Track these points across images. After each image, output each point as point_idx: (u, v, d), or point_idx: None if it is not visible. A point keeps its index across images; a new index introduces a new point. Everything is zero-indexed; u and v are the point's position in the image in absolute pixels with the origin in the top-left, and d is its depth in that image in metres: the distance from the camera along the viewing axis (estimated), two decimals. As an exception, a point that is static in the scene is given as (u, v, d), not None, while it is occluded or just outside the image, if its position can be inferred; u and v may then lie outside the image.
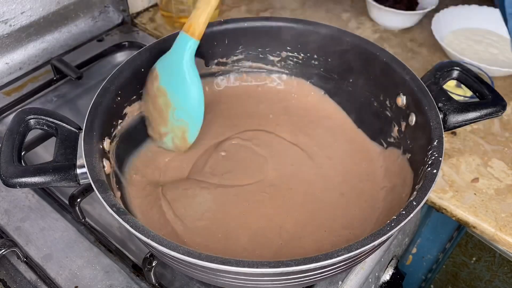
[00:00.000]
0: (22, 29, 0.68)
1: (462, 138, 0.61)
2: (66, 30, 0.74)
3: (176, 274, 0.48)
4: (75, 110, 0.66)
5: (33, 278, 0.47)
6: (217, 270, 0.34)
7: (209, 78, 0.58)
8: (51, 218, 0.52)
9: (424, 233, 0.69)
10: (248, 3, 0.84)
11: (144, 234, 0.35)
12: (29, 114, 0.42)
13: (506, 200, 0.55)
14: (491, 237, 0.53)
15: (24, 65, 0.70)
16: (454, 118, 0.45)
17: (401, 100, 0.49)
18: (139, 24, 0.80)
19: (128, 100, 0.50)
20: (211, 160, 0.52)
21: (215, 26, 0.54)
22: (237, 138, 0.55)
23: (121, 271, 0.48)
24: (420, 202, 0.37)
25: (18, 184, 0.38)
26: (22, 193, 0.54)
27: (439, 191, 0.55)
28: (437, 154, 0.40)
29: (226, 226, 0.46)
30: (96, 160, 0.40)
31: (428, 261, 0.73)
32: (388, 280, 0.58)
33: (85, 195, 0.50)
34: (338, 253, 0.34)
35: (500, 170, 0.58)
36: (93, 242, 0.50)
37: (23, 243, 0.50)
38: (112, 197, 0.37)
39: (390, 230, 0.35)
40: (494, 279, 0.66)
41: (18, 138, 0.41)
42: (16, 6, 0.65)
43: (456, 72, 0.49)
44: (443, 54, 0.74)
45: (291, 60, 0.58)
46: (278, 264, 0.33)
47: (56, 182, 0.39)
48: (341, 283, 0.48)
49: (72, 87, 0.68)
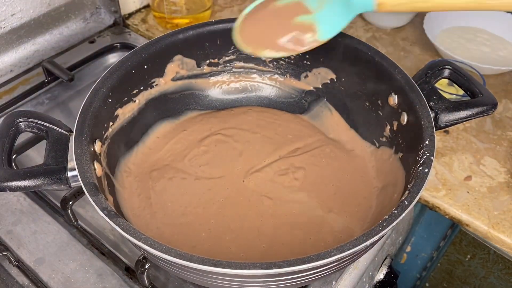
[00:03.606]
0: (13, 31, 0.68)
1: (455, 137, 0.61)
2: (57, 32, 0.74)
3: (169, 277, 0.48)
4: (67, 112, 0.66)
5: (25, 282, 0.47)
6: (209, 272, 0.34)
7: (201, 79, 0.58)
8: (43, 222, 0.52)
9: (418, 231, 0.69)
10: (241, 3, 0.84)
11: (135, 237, 0.34)
12: (19, 117, 0.42)
13: (498, 197, 0.55)
14: (484, 234, 0.53)
15: (15, 68, 0.70)
16: (445, 117, 0.45)
17: (393, 99, 0.49)
18: (131, 25, 0.79)
19: (120, 102, 0.50)
20: (192, 153, 0.53)
21: (206, 27, 0.54)
22: (219, 134, 0.55)
23: (114, 274, 0.48)
24: (412, 202, 0.37)
25: (8, 188, 0.38)
26: (14, 196, 0.54)
27: (432, 189, 0.56)
28: (428, 153, 0.40)
29: (208, 224, 0.47)
30: (87, 163, 0.40)
31: (422, 260, 0.73)
32: (382, 279, 0.58)
33: (77, 198, 0.49)
34: (330, 253, 0.34)
35: (492, 168, 0.58)
36: (86, 245, 0.50)
37: (14, 247, 0.50)
38: (103, 200, 0.37)
39: (382, 230, 0.35)
40: (489, 276, 0.66)
41: (8, 141, 0.41)
42: (6, 8, 0.65)
43: (447, 71, 0.49)
44: (435, 53, 0.74)
45: (283, 60, 0.58)
46: (270, 265, 0.33)
47: (47, 186, 0.39)
48: (335, 283, 0.48)
49: (64, 89, 0.68)
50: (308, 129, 0.57)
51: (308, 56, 0.56)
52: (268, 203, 0.49)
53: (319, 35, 0.45)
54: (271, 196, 0.49)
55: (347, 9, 0.43)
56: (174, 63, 0.54)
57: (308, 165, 0.52)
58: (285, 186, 0.50)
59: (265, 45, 0.46)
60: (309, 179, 0.51)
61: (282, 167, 0.52)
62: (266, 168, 0.52)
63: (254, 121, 0.57)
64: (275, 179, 0.51)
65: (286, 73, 0.59)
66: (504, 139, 0.61)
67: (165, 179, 0.51)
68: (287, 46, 0.46)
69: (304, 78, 0.58)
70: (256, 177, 0.51)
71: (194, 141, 0.55)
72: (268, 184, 0.50)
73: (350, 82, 0.54)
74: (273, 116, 0.58)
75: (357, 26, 0.80)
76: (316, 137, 0.56)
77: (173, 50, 0.53)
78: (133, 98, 0.52)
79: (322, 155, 0.53)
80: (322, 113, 0.58)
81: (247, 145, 0.54)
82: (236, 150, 0.54)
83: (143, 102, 0.53)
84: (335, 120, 0.57)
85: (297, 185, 0.50)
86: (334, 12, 0.44)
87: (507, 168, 0.58)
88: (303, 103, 0.59)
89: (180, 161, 0.53)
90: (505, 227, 0.52)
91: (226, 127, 0.56)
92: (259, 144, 0.55)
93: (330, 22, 0.44)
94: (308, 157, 0.53)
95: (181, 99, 0.57)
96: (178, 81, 0.56)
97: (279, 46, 0.46)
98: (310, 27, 0.45)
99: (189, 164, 0.52)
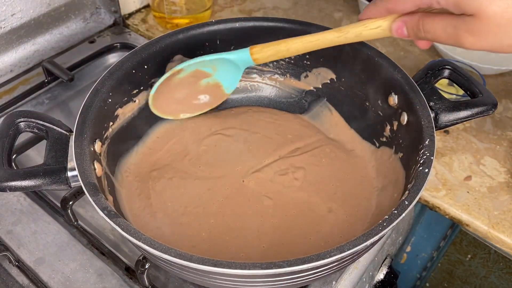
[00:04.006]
0: (13, 31, 0.68)
1: (455, 137, 0.61)
2: (57, 32, 0.74)
3: (169, 277, 0.48)
4: (67, 112, 0.66)
5: (25, 282, 0.47)
6: (209, 272, 0.34)
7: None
8: (43, 222, 0.52)
9: (418, 231, 0.69)
10: (241, 3, 0.84)
11: (135, 237, 0.34)
12: (19, 117, 0.42)
13: (498, 197, 0.55)
14: (484, 234, 0.53)
15: (15, 68, 0.70)
16: (445, 117, 0.45)
17: (393, 99, 0.49)
18: (131, 25, 0.79)
19: (120, 102, 0.50)
20: (192, 153, 0.53)
21: (206, 27, 0.54)
22: (219, 134, 0.55)
23: (114, 274, 0.48)
24: (412, 202, 0.37)
25: (8, 188, 0.38)
26: (14, 196, 0.54)
27: (432, 189, 0.56)
28: (428, 153, 0.40)
29: (208, 224, 0.47)
30: (87, 162, 0.40)
31: (422, 260, 0.73)
32: (382, 279, 0.58)
33: (77, 198, 0.49)
34: (330, 253, 0.34)
35: (492, 168, 0.58)
36: (86, 245, 0.50)
37: (14, 247, 0.50)
38: (103, 199, 0.37)
39: (382, 230, 0.35)
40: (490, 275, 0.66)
41: (8, 141, 0.41)
42: (6, 8, 0.65)
43: (447, 71, 0.49)
44: (435, 53, 0.74)
45: (283, 60, 0.58)
46: (270, 265, 0.33)
47: (46, 186, 0.39)
48: (335, 283, 0.48)
49: (64, 89, 0.68)
50: (308, 129, 0.57)
51: (308, 56, 0.56)
52: (268, 203, 0.49)
53: (225, 89, 0.55)
54: (271, 196, 0.49)
55: (236, 67, 0.51)
56: (174, 63, 0.54)
57: (308, 165, 0.52)
58: (285, 186, 0.50)
59: (180, 110, 0.55)
60: (309, 179, 0.51)
61: (282, 167, 0.52)
62: (266, 168, 0.52)
63: (254, 121, 0.57)
64: (275, 179, 0.51)
65: (286, 73, 0.59)
66: (504, 139, 0.61)
67: (165, 179, 0.51)
68: (201, 105, 0.56)
69: (304, 78, 0.58)
70: (256, 177, 0.51)
71: (194, 141, 0.55)
72: (268, 184, 0.50)
73: (350, 82, 0.54)
74: (273, 116, 0.58)
75: (357, 26, 0.80)
76: (316, 137, 0.56)
77: (173, 50, 0.53)
78: (133, 98, 0.52)
79: (322, 155, 0.53)
80: (322, 113, 0.58)
81: (247, 145, 0.54)
82: (236, 150, 0.54)
83: (143, 102, 0.53)
84: (335, 120, 0.57)
85: (297, 185, 0.50)
86: (227, 71, 0.52)
87: (507, 168, 0.58)
88: (303, 103, 0.59)
89: (180, 161, 0.53)
90: (505, 227, 0.52)
91: (226, 127, 0.56)
92: (259, 144, 0.55)
93: (228, 79, 0.54)
94: (308, 157, 0.53)
95: (181, 99, 0.57)
96: (178, 81, 0.56)
97: (194, 108, 0.56)
98: (216, 85, 0.54)
99: (189, 164, 0.52)
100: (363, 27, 0.42)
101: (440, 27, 0.36)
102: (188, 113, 0.56)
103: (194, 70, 0.52)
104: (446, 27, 0.35)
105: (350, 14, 0.82)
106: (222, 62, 0.51)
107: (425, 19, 0.37)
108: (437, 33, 0.36)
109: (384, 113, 0.51)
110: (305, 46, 0.46)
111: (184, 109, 0.55)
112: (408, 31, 0.39)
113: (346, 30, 0.43)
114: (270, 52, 0.48)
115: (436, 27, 0.36)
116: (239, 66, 0.51)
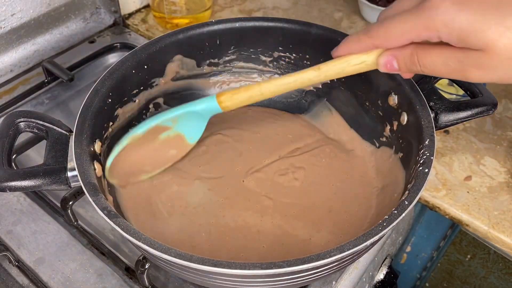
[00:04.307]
0: (13, 31, 0.68)
1: (455, 137, 0.61)
2: (57, 32, 0.74)
3: (169, 277, 0.48)
4: (67, 112, 0.66)
5: (25, 282, 0.47)
6: (209, 272, 0.34)
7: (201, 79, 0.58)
8: (43, 222, 0.52)
9: (418, 231, 0.69)
10: (241, 3, 0.84)
11: (135, 237, 0.34)
12: (19, 117, 0.42)
13: (498, 197, 0.55)
14: (484, 234, 0.53)
15: (15, 68, 0.70)
16: (445, 117, 0.45)
17: (393, 99, 0.49)
18: (131, 25, 0.79)
19: (120, 102, 0.50)
20: (192, 153, 0.53)
21: (206, 27, 0.54)
22: (219, 134, 0.55)
23: (114, 274, 0.48)
24: (412, 202, 0.37)
25: (8, 188, 0.38)
26: (14, 196, 0.54)
27: (432, 189, 0.56)
28: (428, 153, 0.40)
29: (208, 224, 0.47)
30: (87, 162, 0.40)
31: (422, 260, 0.73)
32: (382, 279, 0.58)
33: (77, 198, 0.49)
34: (330, 253, 0.34)
35: (492, 168, 0.58)
36: (86, 245, 0.50)
37: (14, 247, 0.50)
38: (103, 200, 0.37)
39: (382, 230, 0.35)
40: (489, 276, 0.66)
41: (8, 141, 0.41)
42: (6, 8, 0.65)
43: (448, 70, 0.49)
44: (436, 53, 0.74)
45: (283, 60, 0.58)
46: (270, 265, 0.33)
47: (46, 186, 0.39)
48: (335, 283, 0.48)
49: (64, 89, 0.68)
50: (308, 129, 0.57)
51: (308, 56, 0.56)
52: (268, 203, 0.49)
53: (188, 140, 0.51)
54: (271, 196, 0.49)
55: (200, 116, 0.48)
56: (174, 63, 0.54)
57: (308, 165, 0.52)
58: (285, 186, 0.50)
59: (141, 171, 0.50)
60: (309, 179, 0.51)
61: (282, 167, 0.52)
62: (266, 168, 0.52)
63: (254, 121, 0.57)
64: (275, 179, 0.51)
65: (286, 73, 0.59)
66: (504, 139, 0.61)
67: (165, 179, 0.51)
68: (166, 160, 0.51)
69: (304, 78, 0.58)
70: (256, 177, 0.51)
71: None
72: (268, 184, 0.50)
73: (350, 82, 0.54)
74: (273, 116, 0.58)
75: (357, 26, 0.80)
76: (316, 137, 0.56)
77: (173, 50, 0.53)
78: (133, 98, 0.52)
79: (322, 155, 0.53)
80: (322, 113, 0.58)
81: (247, 145, 0.54)
82: (236, 150, 0.54)
83: (143, 102, 0.53)
84: (335, 120, 0.57)
85: (297, 185, 0.50)
86: (190, 121, 0.49)
87: (507, 168, 0.58)
88: (303, 103, 0.59)
89: (180, 161, 0.53)
90: (505, 227, 0.52)
91: (226, 127, 0.56)
92: (259, 144, 0.55)
93: (191, 129, 0.50)
94: (308, 157, 0.53)
95: (181, 99, 0.57)
96: (178, 81, 0.56)
97: (158, 164, 0.51)
98: (178, 137, 0.50)
99: (189, 164, 0.52)
100: (345, 64, 0.39)
101: (441, 62, 0.34)
102: (149, 173, 0.50)
103: (153, 127, 0.48)
104: (448, 61, 0.33)
105: (350, 14, 0.82)
106: (184, 115, 0.48)
107: (420, 53, 0.35)
108: (437, 68, 0.34)
109: (384, 113, 0.51)
110: (280, 89, 0.43)
111: (146, 169, 0.50)
112: (399, 65, 0.36)
113: (326, 69, 0.40)
114: (242, 99, 0.45)
115: (436, 62, 0.34)
116: (204, 115, 0.48)
